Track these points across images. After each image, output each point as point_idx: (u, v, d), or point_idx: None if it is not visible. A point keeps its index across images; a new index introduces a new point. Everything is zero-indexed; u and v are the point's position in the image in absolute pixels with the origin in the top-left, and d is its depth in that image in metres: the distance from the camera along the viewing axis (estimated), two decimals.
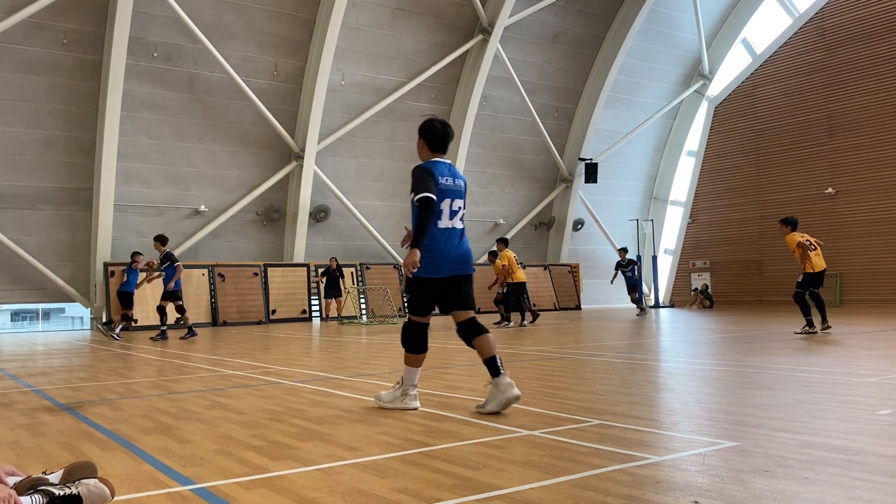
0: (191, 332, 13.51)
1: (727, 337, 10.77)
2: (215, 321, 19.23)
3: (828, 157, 22.94)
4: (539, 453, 3.49)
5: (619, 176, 27.97)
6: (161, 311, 13.63)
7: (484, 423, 4.33)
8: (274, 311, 20.26)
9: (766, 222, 24.52)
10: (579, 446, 3.62)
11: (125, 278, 16.25)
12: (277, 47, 20.53)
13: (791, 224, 11.05)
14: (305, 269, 20.98)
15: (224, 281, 19.62)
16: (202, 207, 20.17)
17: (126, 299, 16.25)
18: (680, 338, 11.23)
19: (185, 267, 19.21)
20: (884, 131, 21.62)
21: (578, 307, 25.39)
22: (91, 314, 19.34)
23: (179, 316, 13.79)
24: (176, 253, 19.75)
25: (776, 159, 24.33)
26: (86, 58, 18.22)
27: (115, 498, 2.84)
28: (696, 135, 27.93)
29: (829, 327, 10.93)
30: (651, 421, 4.31)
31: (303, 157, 20.70)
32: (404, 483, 3.03)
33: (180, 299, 13.60)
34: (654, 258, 26.64)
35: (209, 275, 19.49)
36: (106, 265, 18.39)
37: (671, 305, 26.38)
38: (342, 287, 19.57)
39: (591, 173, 25.19)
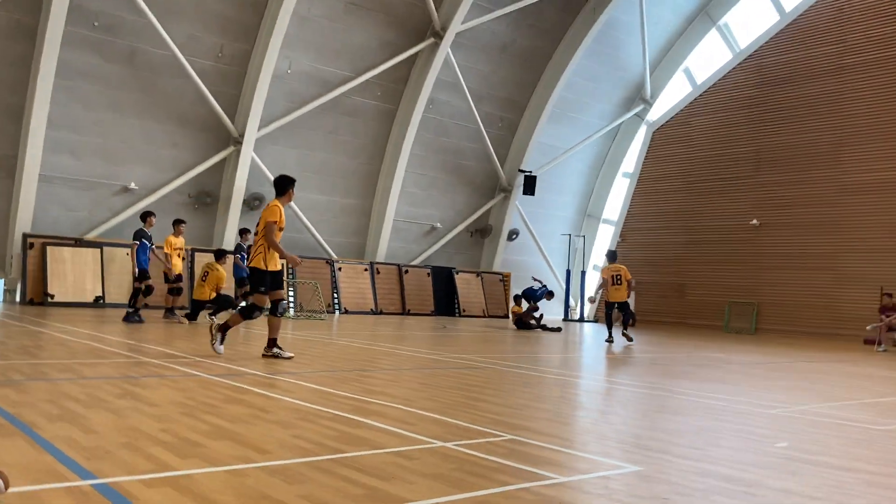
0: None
1: (645, 357, 11.07)
2: None
3: (754, 190, 23.82)
4: (449, 466, 3.54)
5: (557, 190, 28.42)
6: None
7: (398, 431, 4.36)
8: None
9: (692, 247, 25.29)
10: (489, 461, 3.69)
11: None
12: (225, 28, 20.11)
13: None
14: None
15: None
16: (132, 185, 19.58)
17: None
18: (599, 354, 11.48)
19: (108, 245, 18.69)
20: (807, 170, 22.58)
21: (507, 315, 25.65)
22: (4, 286, 18.54)
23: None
24: (101, 230, 19.18)
25: (706, 187, 25.14)
26: (21, 19, 17.45)
27: (9, 490, 2.76)
28: (632, 157, 28.61)
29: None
30: (562, 439, 4.42)
31: (241, 143, 20.32)
32: (312, 490, 3.03)
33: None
34: (583, 273, 27.15)
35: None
36: (25, 236, 17.65)
37: (596, 321, 26.93)
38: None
39: (530, 185, 25.52)
